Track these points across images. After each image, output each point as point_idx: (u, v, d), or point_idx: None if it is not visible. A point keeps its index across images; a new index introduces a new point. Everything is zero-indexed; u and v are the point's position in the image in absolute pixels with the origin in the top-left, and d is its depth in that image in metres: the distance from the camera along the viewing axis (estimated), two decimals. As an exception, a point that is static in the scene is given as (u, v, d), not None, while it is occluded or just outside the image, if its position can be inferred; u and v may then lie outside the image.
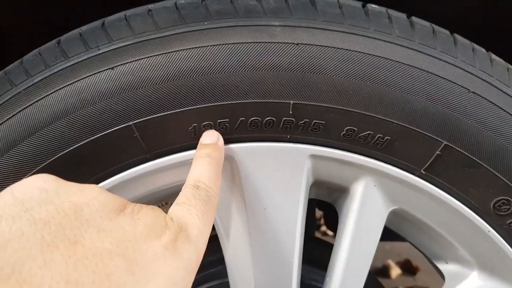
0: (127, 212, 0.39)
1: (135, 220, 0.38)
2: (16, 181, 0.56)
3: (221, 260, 0.77)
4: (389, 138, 0.58)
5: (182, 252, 0.39)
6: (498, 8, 0.85)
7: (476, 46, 0.62)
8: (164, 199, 0.66)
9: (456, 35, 0.61)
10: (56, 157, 0.57)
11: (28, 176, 0.40)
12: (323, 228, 2.16)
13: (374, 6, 0.60)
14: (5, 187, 0.56)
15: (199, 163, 0.54)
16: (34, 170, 0.58)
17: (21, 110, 0.57)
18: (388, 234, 0.70)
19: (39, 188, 0.38)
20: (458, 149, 0.59)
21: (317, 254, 0.79)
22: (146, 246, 0.37)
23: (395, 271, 2.19)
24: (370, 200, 0.62)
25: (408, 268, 2.21)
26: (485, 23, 0.88)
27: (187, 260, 0.39)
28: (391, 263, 2.20)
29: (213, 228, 0.69)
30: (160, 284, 0.36)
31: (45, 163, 0.57)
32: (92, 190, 0.40)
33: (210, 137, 0.57)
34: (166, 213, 0.43)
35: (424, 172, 0.60)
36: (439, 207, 0.63)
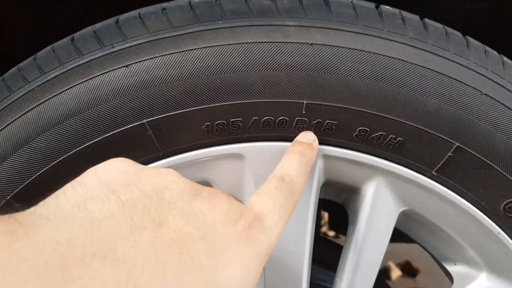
0: (205, 195, 0.40)
1: (212, 205, 0.39)
2: (28, 178, 0.57)
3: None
4: (401, 139, 0.59)
5: (255, 241, 0.39)
6: (507, 11, 0.85)
7: (488, 49, 0.62)
8: (175, 198, 0.65)
9: (469, 38, 0.62)
10: (69, 154, 0.57)
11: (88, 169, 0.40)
12: (324, 228, 2.16)
13: (387, 7, 0.60)
14: (19, 184, 0.57)
15: (291, 157, 0.54)
16: (47, 167, 0.58)
17: (35, 107, 0.57)
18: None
19: (121, 171, 0.39)
20: (470, 150, 0.59)
21: (323, 254, 0.79)
22: (223, 232, 0.37)
23: (396, 273, 2.19)
24: (381, 200, 0.63)
25: (409, 270, 2.21)
26: (494, 25, 0.88)
27: (259, 249, 0.39)
28: (392, 264, 2.20)
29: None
30: (236, 269, 0.36)
31: (57, 160, 0.57)
32: (170, 174, 0.41)
33: (307, 137, 0.58)
34: None
35: (435, 174, 0.61)
36: (450, 208, 0.63)
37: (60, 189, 0.36)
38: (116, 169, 0.39)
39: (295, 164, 0.53)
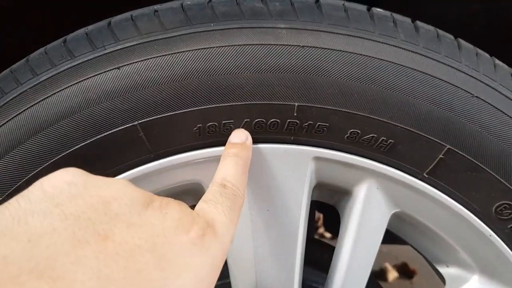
0: (155, 206, 0.39)
1: (163, 214, 0.38)
2: (20, 180, 0.57)
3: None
4: (392, 141, 0.59)
5: (209, 248, 0.39)
6: (501, 13, 0.85)
7: (480, 51, 0.62)
8: (167, 199, 0.66)
9: (460, 40, 0.62)
10: (61, 155, 0.57)
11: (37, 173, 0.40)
12: (321, 230, 2.16)
13: (379, 10, 0.61)
14: (10, 185, 0.57)
15: (227, 162, 0.54)
16: (38, 169, 0.58)
17: (27, 109, 0.57)
18: (386, 237, 0.70)
19: (68, 182, 0.38)
20: (461, 153, 0.59)
21: (316, 256, 0.79)
22: (174, 241, 0.37)
23: (392, 274, 2.19)
24: (372, 202, 0.63)
25: (405, 272, 2.21)
26: (488, 28, 0.88)
27: (214, 256, 0.39)
28: (388, 266, 2.20)
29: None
30: (188, 280, 0.36)
31: (49, 162, 0.58)
32: (119, 184, 0.40)
33: (239, 136, 0.58)
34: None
35: (427, 176, 0.61)
36: (441, 210, 0.63)
37: (4, 203, 0.35)
38: (63, 181, 0.38)
39: (232, 168, 0.53)
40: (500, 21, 0.89)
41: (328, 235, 1.97)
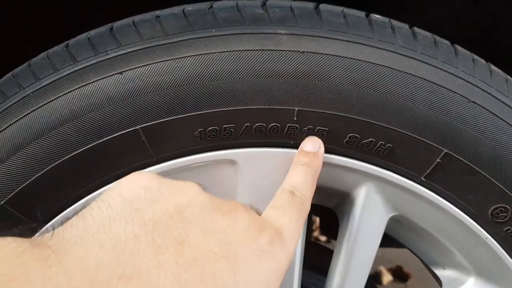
0: (225, 210, 0.41)
1: (233, 220, 0.40)
2: (23, 183, 0.57)
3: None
4: (391, 145, 0.60)
5: (276, 255, 0.40)
6: (496, 21, 0.87)
7: (476, 57, 0.63)
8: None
9: (457, 46, 0.63)
10: (63, 159, 0.58)
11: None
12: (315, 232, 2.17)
13: (377, 16, 0.62)
14: (12, 189, 0.57)
15: (298, 170, 0.56)
16: (41, 173, 0.58)
17: (29, 113, 0.57)
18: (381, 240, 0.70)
19: (143, 186, 0.40)
20: (458, 157, 0.60)
21: (314, 259, 0.79)
22: (245, 249, 0.38)
23: (387, 278, 2.20)
24: (371, 206, 0.64)
25: (400, 275, 2.22)
26: (483, 35, 0.90)
27: (280, 263, 0.40)
28: (383, 269, 2.21)
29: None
30: (257, 285, 0.37)
31: (52, 165, 0.58)
32: (191, 190, 0.42)
33: (312, 145, 0.58)
34: None
35: (424, 179, 0.62)
36: (438, 213, 0.64)
37: (85, 208, 0.37)
38: (139, 186, 0.40)
39: (302, 177, 0.54)
40: (495, 28, 0.91)
41: (323, 238, 1.98)
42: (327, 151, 0.61)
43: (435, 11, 0.87)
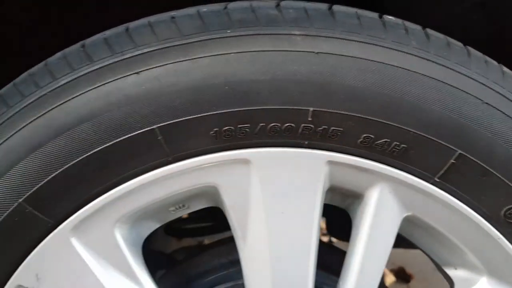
0: None
1: None
2: (40, 182, 0.58)
3: (232, 263, 0.79)
4: (405, 146, 0.60)
5: None
6: (504, 23, 0.87)
7: (488, 59, 0.64)
8: (182, 202, 0.67)
9: (470, 48, 0.63)
10: (80, 158, 0.59)
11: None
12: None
13: (390, 17, 0.62)
14: (30, 187, 0.58)
15: None
16: (58, 171, 0.59)
17: (47, 112, 0.58)
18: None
19: None
20: (472, 158, 0.61)
21: (327, 259, 0.80)
22: None
23: (389, 279, 2.20)
24: (384, 206, 0.64)
25: (402, 276, 2.22)
26: (490, 37, 0.90)
27: None
28: (386, 270, 2.21)
29: (227, 230, 0.71)
30: None
31: (69, 164, 0.59)
32: None
33: None
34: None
35: (438, 180, 0.62)
36: (452, 214, 0.64)
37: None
38: None
39: None
40: (501, 30, 0.91)
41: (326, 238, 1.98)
42: (341, 151, 0.61)
43: (443, 13, 0.87)
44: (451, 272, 0.72)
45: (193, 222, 1.21)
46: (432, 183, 0.63)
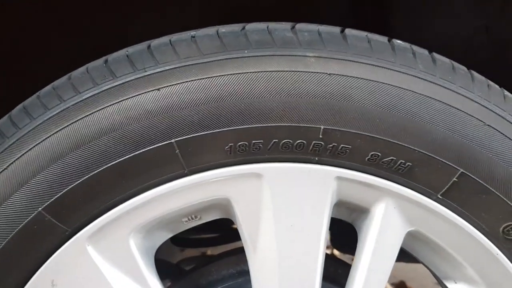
0: None
1: None
2: (61, 192, 0.60)
3: (241, 273, 0.81)
4: (410, 164, 0.63)
5: None
6: (507, 45, 0.91)
7: (490, 83, 0.67)
8: (195, 213, 0.69)
9: (473, 72, 0.67)
10: (100, 170, 0.61)
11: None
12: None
13: (399, 41, 0.66)
14: (51, 196, 0.60)
15: None
16: (78, 181, 0.61)
17: (69, 125, 0.60)
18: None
19: None
20: (473, 176, 0.64)
21: (332, 272, 0.82)
22: None
23: (390, 293, 2.21)
24: (389, 221, 0.67)
25: (403, 291, 2.24)
26: (493, 58, 0.94)
27: None
28: (387, 284, 2.22)
29: (236, 241, 0.73)
30: None
31: (88, 175, 0.61)
32: None
33: None
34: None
35: (440, 197, 0.65)
36: (452, 229, 0.67)
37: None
38: None
39: None
40: (504, 50, 0.95)
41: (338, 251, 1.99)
42: (349, 167, 0.64)
43: (448, 37, 0.91)
44: (451, 285, 0.75)
45: (198, 233, 1.23)
46: (435, 200, 0.66)
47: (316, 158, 0.64)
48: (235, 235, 0.71)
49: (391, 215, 0.67)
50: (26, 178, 0.61)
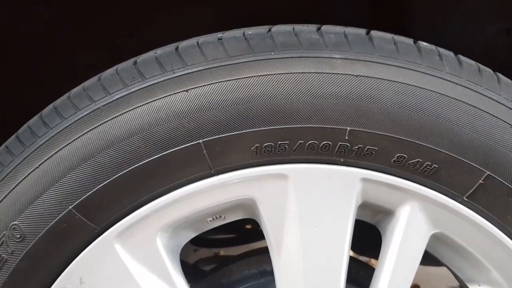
0: None
1: None
2: (91, 191, 0.61)
3: (263, 273, 0.82)
4: (436, 166, 0.63)
5: None
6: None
7: (517, 85, 0.67)
8: (219, 213, 0.70)
9: (499, 74, 0.67)
10: (129, 169, 0.62)
11: None
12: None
13: (425, 43, 0.66)
14: (81, 195, 0.61)
15: None
16: (108, 180, 0.62)
17: (100, 125, 0.62)
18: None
19: None
20: (500, 179, 0.64)
21: (355, 274, 0.82)
22: None
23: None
24: (414, 223, 0.67)
25: (417, 294, 2.22)
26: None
27: None
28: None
29: (259, 241, 0.73)
30: None
31: (118, 174, 0.62)
32: None
33: None
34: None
35: (466, 199, 0.65)
36: (478, 232, 0.67)
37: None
38: None
39: None
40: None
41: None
42: (374, 169, 0.64)
43: (468, 39, 0.91)
44: (474, 288, 0.74)
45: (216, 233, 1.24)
46: (460, 202, 0.65)
47: (342, 160, 0.64)
48: (251, 236, 0.72)
49: (416, 218, 0.67)
50: (57, 177, 0.63)
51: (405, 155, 0.63)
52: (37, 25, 0.94)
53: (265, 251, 0.72)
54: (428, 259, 0.77)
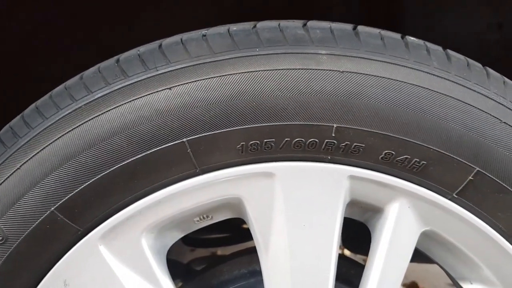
0: None
1: None
2: (73, 191, 0.60)
3: (253, 273, 0.81)
4: (425, 162, 0.62)
5: None
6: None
7: (506, 80, 0.66)
8: (206, 212, 0.69)
9: (488, 69, 0.66)
10: (111, 169, 0.61)
11: None
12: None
13: (413, 38, 0.65)
14: (63, 196, 0.60)
15: None
16: (90, 181, 0.61)
17: (81, 124, 0.60)
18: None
19: None
20: (489, 175, 0.63)
21: (345, 272, 0.81)
22: None
23: (402, 293, 2.19)
24: (403, 221, 0.66)
25: (414, 291, 2.22)
26: (506, 55, 0.92)
27: None
28: (398, 285, 2.20)
29: (247, 241, 0.72)
30: None
31: (101, 175, 0.61)
32: None
33: None
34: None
35: (456, 196, 0.64)
36: (468, 229, 0.66)
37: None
38: None
39: None
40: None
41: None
42: (362, 166, 0.63)
43: (461, 34, 0.90)
44: (466, 286, 0.73)
45: (209, 233, 1.23)
46: (450, 199, 0.64)
47: (329, 157, 0.63)
48: (246, 235, 0.71)
49: (406, 215, 0.66)
50: (39, 178, 0.61)
51: (393, 152, 0.62)
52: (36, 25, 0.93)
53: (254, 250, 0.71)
54: (426, 256, 0.76)
